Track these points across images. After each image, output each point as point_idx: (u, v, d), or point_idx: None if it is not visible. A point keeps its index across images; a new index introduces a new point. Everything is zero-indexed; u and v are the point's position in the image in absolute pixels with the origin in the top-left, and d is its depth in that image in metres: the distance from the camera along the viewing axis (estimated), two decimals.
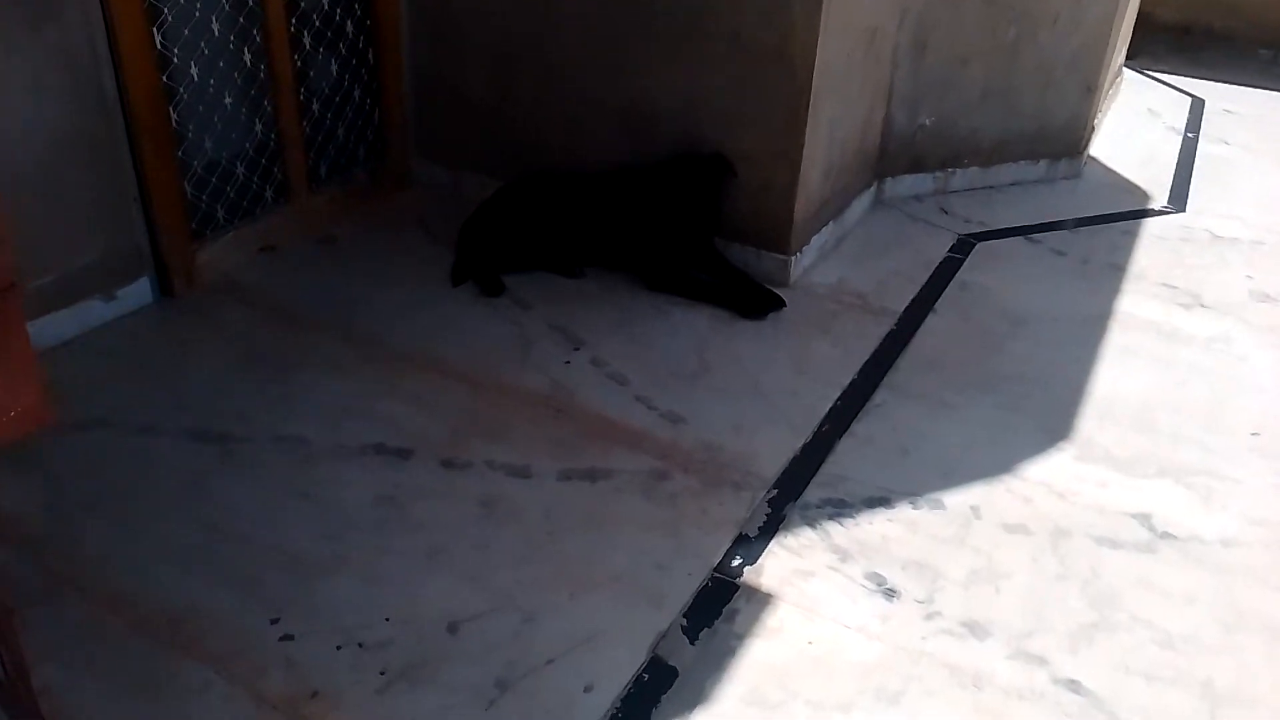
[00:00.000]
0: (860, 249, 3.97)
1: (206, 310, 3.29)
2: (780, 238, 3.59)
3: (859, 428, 2.90)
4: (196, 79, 3.22)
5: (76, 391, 2.82)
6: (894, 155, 4.32)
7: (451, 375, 3.01)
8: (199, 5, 3.15)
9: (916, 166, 4.40)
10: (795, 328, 3.38)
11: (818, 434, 2.86)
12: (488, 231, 3.64)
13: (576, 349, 3.18)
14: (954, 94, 4.28)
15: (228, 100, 3.35)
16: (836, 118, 3.66)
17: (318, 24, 3.59)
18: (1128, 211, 4.44)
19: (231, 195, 3.45)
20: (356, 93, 3.86)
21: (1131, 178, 4.82)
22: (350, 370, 3.02)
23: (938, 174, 4.45)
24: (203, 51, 3.21)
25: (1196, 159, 5.16)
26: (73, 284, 3.03)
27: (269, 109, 3.50)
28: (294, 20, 3.49)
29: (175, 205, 3.20)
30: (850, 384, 3.09)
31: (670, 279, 3.55)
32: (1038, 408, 3.04)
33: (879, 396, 3.04)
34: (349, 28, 3.73)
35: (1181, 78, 6.35)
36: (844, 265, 3.82)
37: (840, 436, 2.85)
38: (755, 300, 3.47)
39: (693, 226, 3.55)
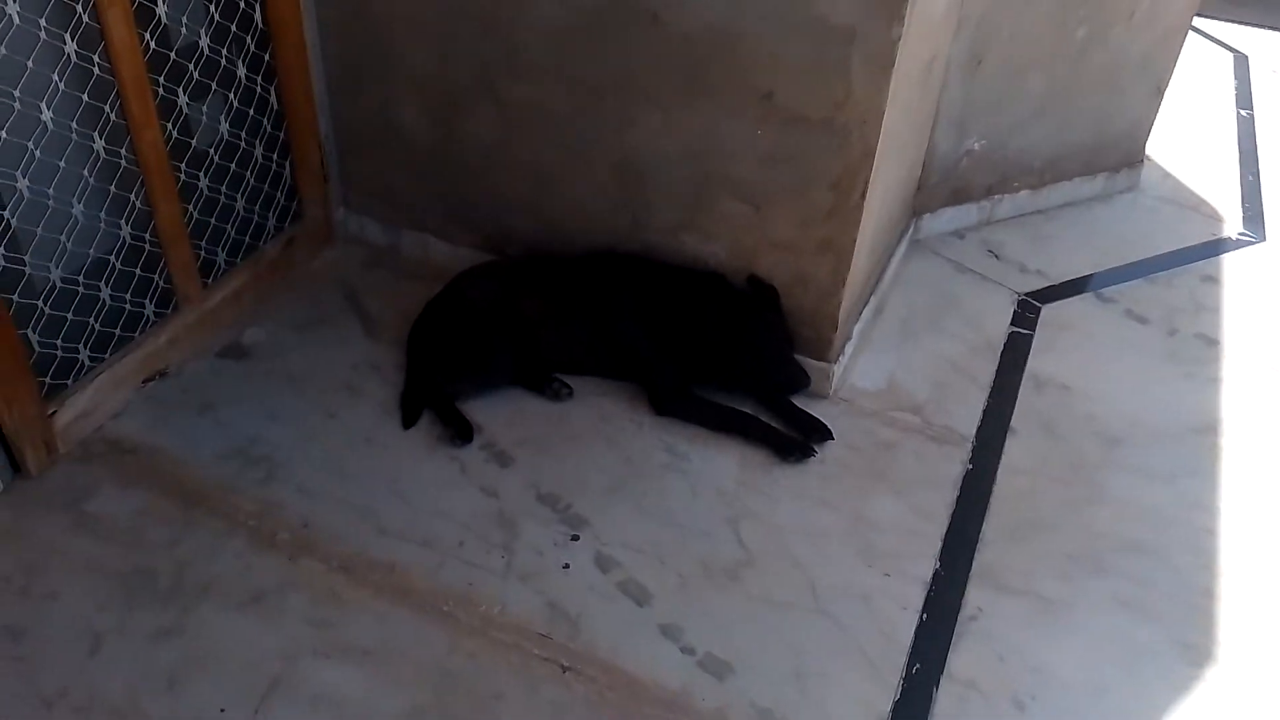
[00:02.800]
0: (904, 322, 3.22)
1: (72, 494, 2.45)
2: (819, 343, 2.82)
3: (956, 662, 2.22)
4: (27, 193, 2.28)
5: None
6: (934, 187, 3.53)
7: (411, 602, 2.25)
8: (18, 94, 2.19)
9: (959, 197, 3.62)
10: (846, 472, 2.66)
11: (907, 680, 2.17)
12: (445, 343, 2.81)
13: (575, 537, 2.43)
14: (1008, 110, 3.47)
15: (77, 209, 2.42)
16: (890, 181, 2.85)
17: (195, 75, 2.63)
18: (1201, 245, 3.73)
19: (96, 326, 2.56)
20: (258, 151, 2.93)
21: (1192, 185, 4.09)
22: (271, 599, 2.23)
23: (982, 203, 3.68)
24: (32, 155, 2.26)
25: (1259, 148, 4.44)
26: None
27: (137, 202, 2.57)
28: (161, 79, 2.53)
29: (13, 366, 2.33)
30: (934, 578, 2.40)
31: (684, 403, 2.77)
32: (1166, 602, 2.39)
33: (972, 598, 2.36)
34: (240, 71, 2.77)
35: (1216, 21, 5.55)
36: (889, 352, 3.07)
37: (937, 684, 2.18)
38: (793, 433, 2.72)
39: (717, 351, 2.76)
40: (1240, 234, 3.81)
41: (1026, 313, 3.31)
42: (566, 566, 2.35)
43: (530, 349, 2.80)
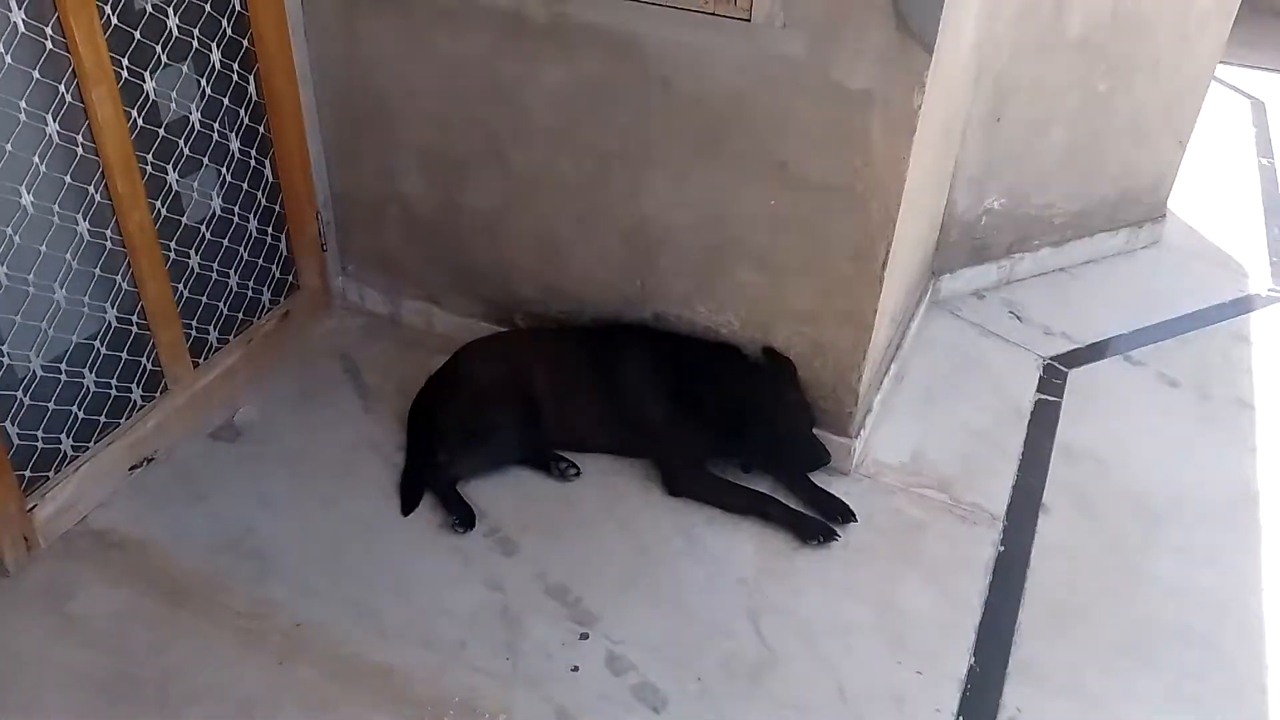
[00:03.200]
0: (927, 389, 3.08)
1: (53, 594, 2.31)
2: (840, 417, 2.68)
3: None
4: (5, 280, 2.17)
5: None
6: (953, 246, 3.41)
7: (410, 712, 2.10)
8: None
9: (979, 256, 3.49)
10: (873, 557, 2.51)
11: None
12: (446, 421, 2.68)
13: (584, 635, 2.28)
14: (1030, 165, 3.36)
15: (59, 294, 2.31)
16: (911, 244, 2.73)
17: (185, 151, 2.53)
18: (1230, 303, 3.60)
19: (79, 414, 2.44)
20: (252, 224, 2.82)
21: (1216, 239, 3.97)
22: (261, 711, 2.08)
23: (1002, 262, 3.55)
24: (11, 240, 2.15)
25: None
26: None
27: (124, 284, 2.46)
28: (149, 156, 2.42)
29: None
30: (969, 675, 2.24)
31: (699, 482, 2.63)
32: (1221, 698, 2.23)
33: (1011, 698, 2.20)
34: (233, 145, 2.67)
35: (1230, 66, 5.44)
36: (912, 422, 2.93)
37: None
38: (814, 514, 2.58)
39: (730, 426, 2.62)
40: (1270, 290, 3.67)
41: (1053, 378, 3.17)
42: (576, 669, 2.20)
43: (536, 426, 2.67)
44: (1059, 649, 2.31)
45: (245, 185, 2.76)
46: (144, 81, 2.35)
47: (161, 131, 2.45)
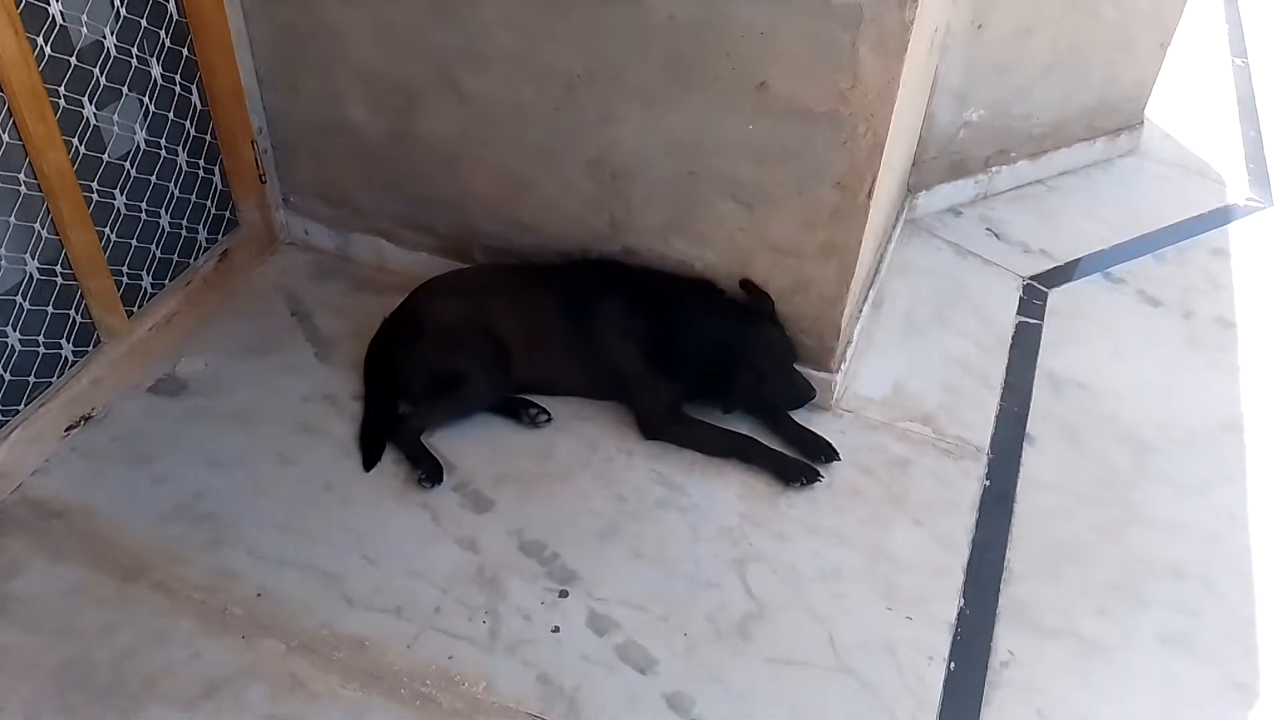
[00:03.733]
0: (906, 316, 2.97)
1: None
2: (822, 352, 2.57)
3: (990, 719, 2.01)
4: None
5: None
6: (931, 162, 3.27)
7: (385, 685, 1.99)
8: None
9: (956, 171, 3.36)
10: (858, 499, 2.43)
11: None
12: (407, 368, 2.52)
13: (564, 593, 2.18)
14: (1011, 75, 3.21)
15: None
16: (894, 166, 2.58)
17: (103, 80, 2.28)
18: (1209, 215, 3.51)
19: (5, 375, 2.24)
20: (181, 158, 2.58)
21: (1193, 146, 3.87)
22: (226, 692, 1.96)
23: (980, 177, 3.42)
24: None
25: (1258, 98, 4.22)
26: None
27: (43, 232, 2.24)
28: (61, 89, 2.17)
29: None
30: (960, 619, 2.18)
31: (676, 425, 2.52)
32: (1213, 636, 2.21)
33: (1003, 641, 2.16)
34: (154, 71, 2.42)
35: None
36: (892, 354, 2.83)
37: None
38: (797, 455, 2.48)
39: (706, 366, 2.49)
40: (1248, 199, 3.59)
41: (1033, 299, 3.07)
42: (556, 630, 2.11)
43: (503, 370, 2.52)
44: (1049, 588, 2.27)
45: (171, 115, 2.51)
46: (49, 4, 2.08)
47: (73, 60, 2.19)
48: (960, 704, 2.03)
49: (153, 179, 2.51)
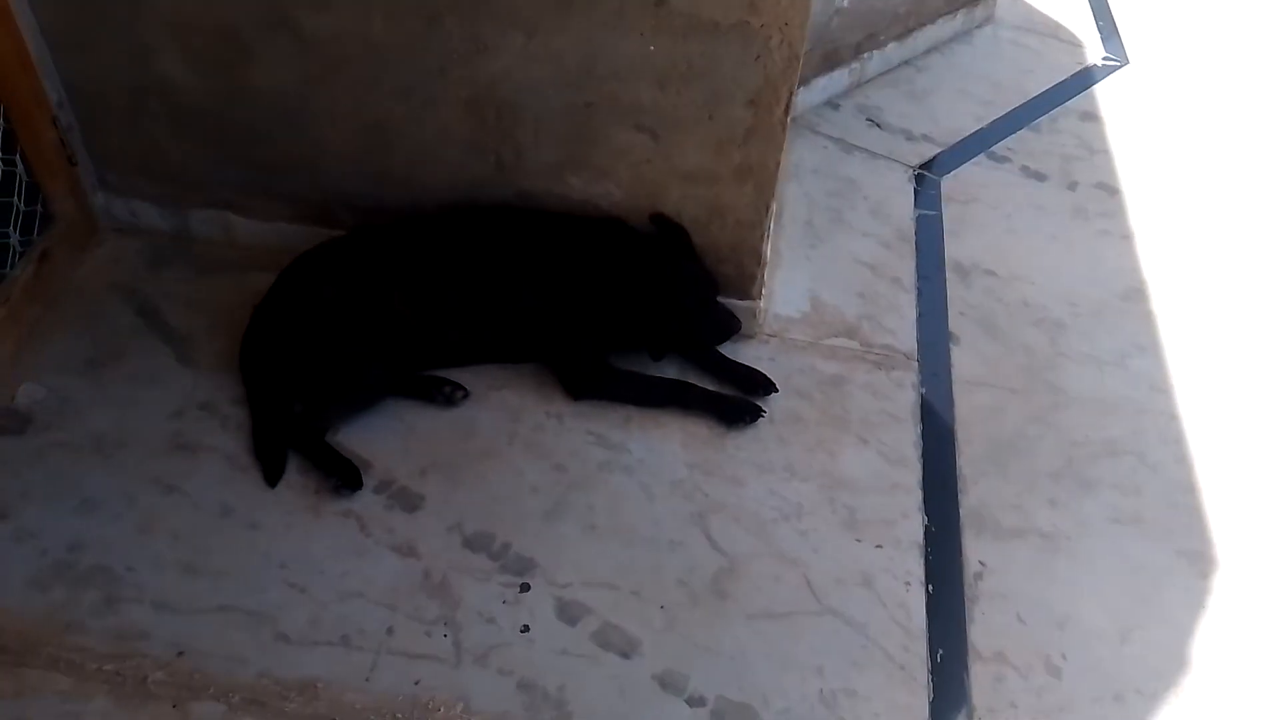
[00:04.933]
0: (806, 224, 2.87)
1: None
2: (742, 279, 2.43)
3: (979, 636, 2.00)
4: None
5: None
6: (807, 55, 3.08)
7: None
8: None
9: (830, 62, 3.24)
10: (803, 427, 2.34)
11: (935, 673, 1.94)
12: (292, 360, 2.22)
13: (525, 587, 2.00)
14: None
15: None
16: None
17: None
18: (1071, 79, 3.54)
19: None
20: None
21: (1043, 7, 3.87)
22: None
23: (853, 65, 3.31)
24: None
25: None
26: None
27: None
28: None
29: None
30: (926, 537, 2.15)
31: (603, 380, 2.34)
32: (1158, 510, 2.26)
33: (973, 553, 2.14)
34: None
35: None
36: (801, 267, 2.73)
37: (966, 669, 1.95)
38: (733, 392, 2.36)
39: (626, 316, 2.31)
40: (1105, 59, 3.64)
41: (928, 190, 3.02)
42: (526, 629, 1.94)
43: (403, 346, 2.26)
44: (1001, 489, 2.26)
45: None
46: None
47: None
48: (946, 626, 2.01)
49: None
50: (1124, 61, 3.62)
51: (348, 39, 2.17)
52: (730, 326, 2.38)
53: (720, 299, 2.41)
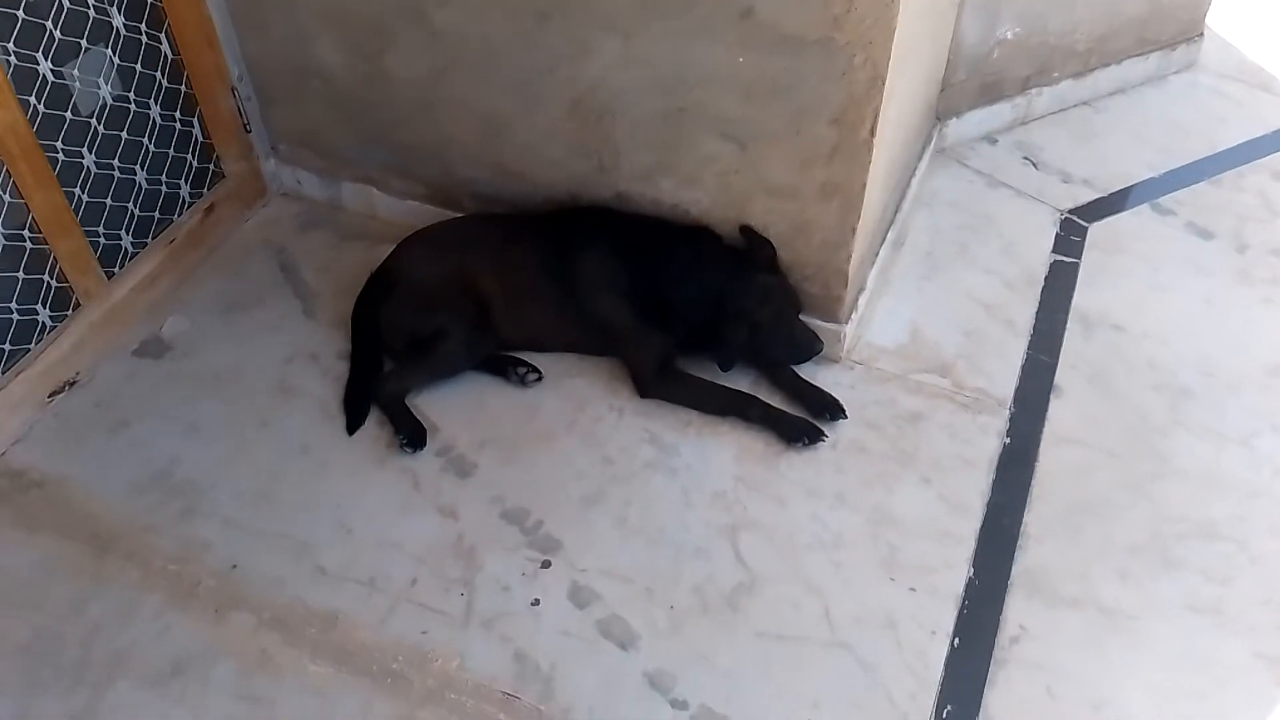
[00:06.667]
0: (928, 255, 2.77)
1: None
2: (828, 301, 2.39)
3: (995, 700, 1.88)
4: None
5: None
6: (961, 86, 3.01)
7: (356, 663, 1.92)
8: None
9: (990, 94, 3.10)
10: (864, 458, 2.27)
11: None
12: (389, 328, 2.41)
13: (546, 563, 2.08)
14: None
15: None
16: (907, 98, 2.36)
17: (57, 34, 2.17)
18: (1271, 134, 3.21)
19: None
20: (154, 111, 2.48)
21: (1259, 59, 3.52)
22: (193, 670, 1.91)
23: (1017, 100, 3.15)
24: None
25: None
26: None
27: (4, 195, 2.16)
28: (10, 44, 2.07)
29: None
30: (968, 590, 2.03)
31: (671, 382, 2.38)
32: (1247, 604, 2.02)
33: (1014, 614, 2.00)
34: (115, 19, 2.30)
35: None
36: (911, 298, 2.64)
37: None
38: (800, 412, 2.33)
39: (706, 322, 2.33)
40: None
41: (1071, 235, 2.84)
42: (536, 603, 2.01)
43: (488, 327, 2.40)
44: (1068, 554, 2.10)
45: (139, 66, 2.40)
46: None
47: (21, 14, 2.08)
48: (963, 684, 1.89)
49: (124, 135, 2.42)
50: None
51: (469, 33, 2.34)
52: (810, 347, 2.35)
53: (805, 319, 2.39)
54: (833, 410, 2.32)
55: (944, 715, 1.85)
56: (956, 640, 1.96)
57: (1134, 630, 1.98)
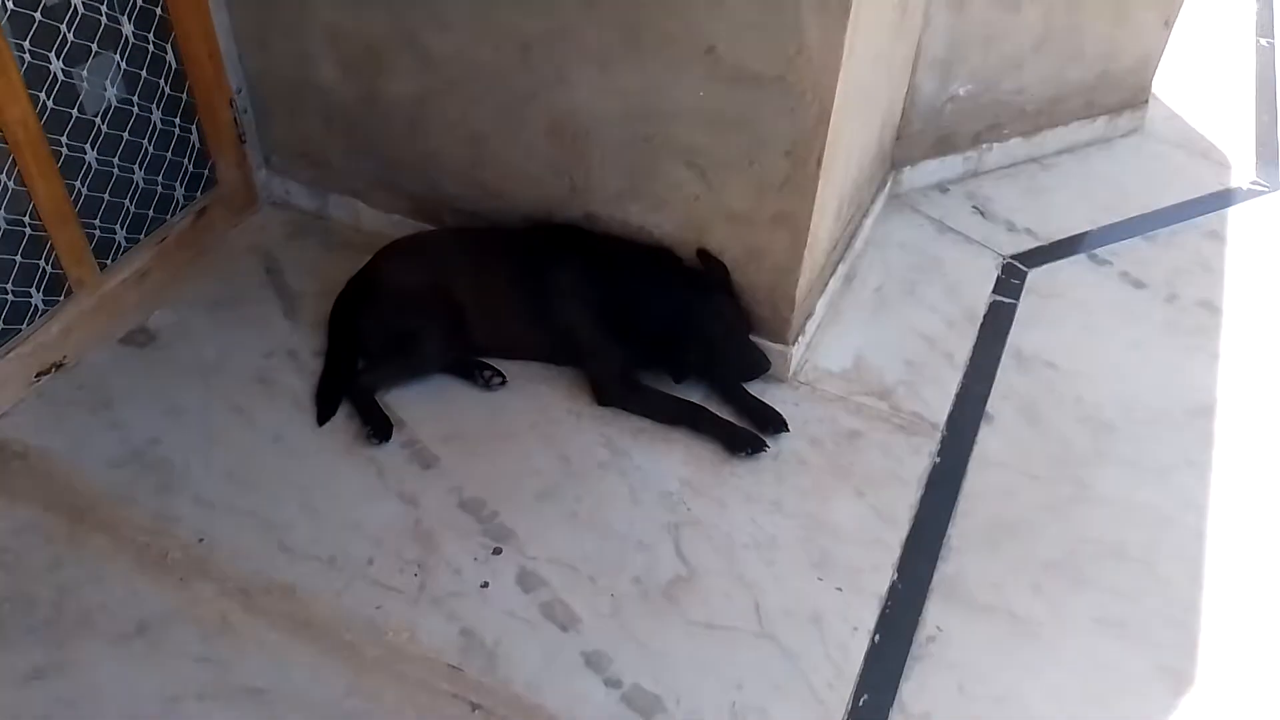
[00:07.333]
0: (876, 291, 2.94)
1: None
2: (777, 323, 2.56)
3: (910, 692, 2.01)
4: None
5: None
6: (915, 136, 3.22)
7: (311, 631, 2.04)
8: None
9: (943, 147, 3.30)
10: (803, 469, 2.42)
11: (853, 715, 1.97)
12: (364, 328, 2.56)
13: (498, 550, 2.21)
14: (1000, 47, 3.14)
15: None
16: (857, 139, 2.55)
17: (70, 38, 2.34)
18: (1209, 197, 3.41)
19: None
20: (155, 116, 2.64)
21: (1201, 127, 3.76)
22: (156, 631, 2.02)
23: (969, 153, 3.36)
24: None
25: (1279, 81, 4.08)
26: None
27: (9, 183, 2.31)
28: (25, 44, 2.24)
29: None
30: (890, 591, 2.17)
31: (629, 392, 2.53)
32: (1150, 621, 2.17)
33: (932, 616, 2.14)
34: (125, 27, 2.47)
35: None
36: (858, 328, 2.81)
37: (886, 715, 1.97)
38: (747, 425, 2.48)
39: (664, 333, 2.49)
40: (1253, 183, 3.49)
41: (1011, 278, 3.02)
42: (485, 585, 2.14)
43: (459, 333, 2.55)
44: (987, 566, 2.25)
45: (144, 73, 2.57)
46: None
47: (38, 16, 2.25)
48: (880, 676, 2.03)
49: (125, 135, 2.57)
50: (1274, 187, 3.46)
51: (460, 60, 2.52)
52: (758, 365, 2.51)
53: (755, 339, 2.55)
54: (776, 424, 2.47)
55: (860, 703, 1.98)
56: (877, 637, 2.09)
57: (1043, 638, 2.12)
